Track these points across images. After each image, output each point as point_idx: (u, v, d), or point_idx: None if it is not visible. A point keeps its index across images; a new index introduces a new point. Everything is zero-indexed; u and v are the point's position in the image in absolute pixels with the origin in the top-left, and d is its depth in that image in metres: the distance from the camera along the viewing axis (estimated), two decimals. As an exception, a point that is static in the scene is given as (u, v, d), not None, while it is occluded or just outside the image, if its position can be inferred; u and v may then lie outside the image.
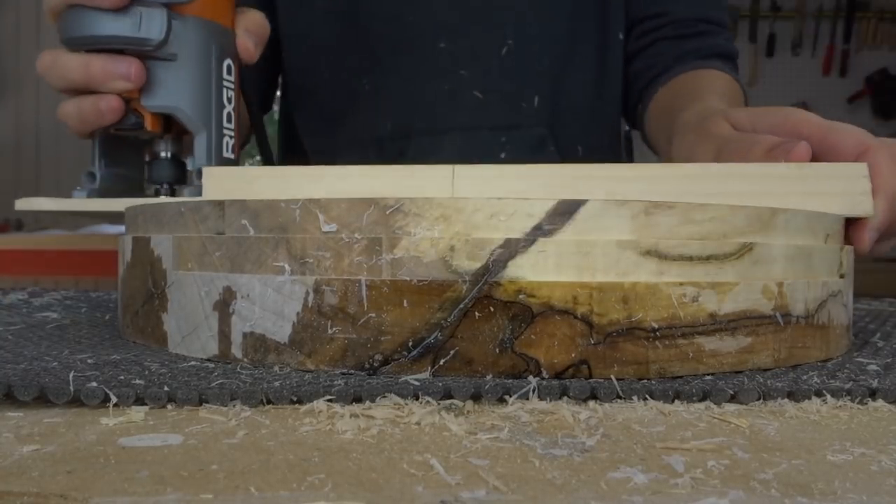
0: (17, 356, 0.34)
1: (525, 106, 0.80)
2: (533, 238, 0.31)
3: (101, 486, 0.20)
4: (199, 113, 0.51)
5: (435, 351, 0.31)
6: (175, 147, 0.53)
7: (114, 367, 0.32)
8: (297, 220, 0.33)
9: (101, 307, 0.58)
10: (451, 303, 0.31)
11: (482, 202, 0.31)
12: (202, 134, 0.51)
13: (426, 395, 0.29)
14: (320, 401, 0.28)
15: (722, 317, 0.33)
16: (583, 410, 0.28)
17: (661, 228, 0.32)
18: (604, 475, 0.22)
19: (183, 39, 0.49)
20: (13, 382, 0.28)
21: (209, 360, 0.35)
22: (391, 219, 0.32)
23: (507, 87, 0.79)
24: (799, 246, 0.36)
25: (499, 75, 0.79)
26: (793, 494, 0.20)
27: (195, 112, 0.51)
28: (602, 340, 0.31)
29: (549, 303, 0.31)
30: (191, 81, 0.50)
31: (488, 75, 0.79)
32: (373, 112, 0.81)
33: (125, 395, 0.28)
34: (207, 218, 0.36)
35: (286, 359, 0.33)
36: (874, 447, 0.25)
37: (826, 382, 0.32)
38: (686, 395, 0.30)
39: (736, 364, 0.33)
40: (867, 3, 3.14)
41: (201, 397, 0.28)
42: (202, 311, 0.35)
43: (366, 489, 0.20)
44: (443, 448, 0.24)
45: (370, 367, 0.32)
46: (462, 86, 0.79)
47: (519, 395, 0.29)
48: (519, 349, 0.31)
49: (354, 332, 0.32)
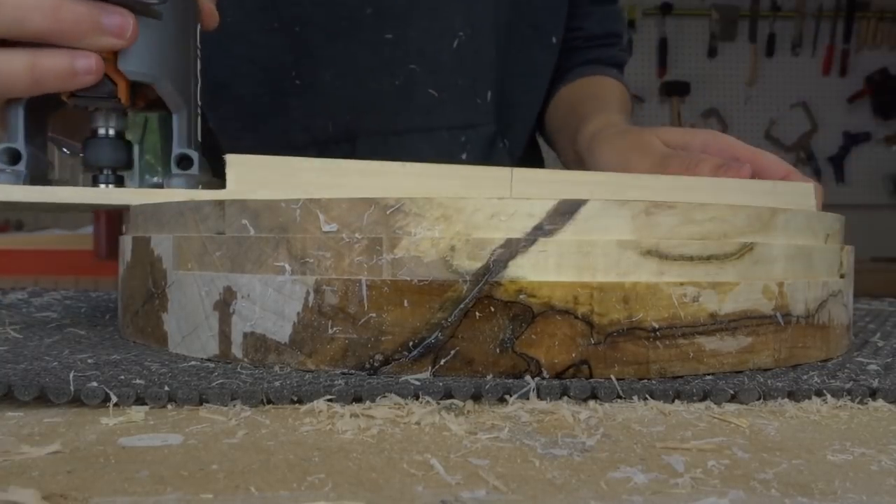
0: (18, 356, 0.34)
1: (479, 102, 0.76)
2: (534, 238, 0.31)
3: (101, 486, 0.20)
4: (181, 86, 0.43)
5: (435, 351, 0.31)
6: (118, 123, 0.44)
7: (114, 367, 0.32)
8: (297, 220, 0.33)
9: (101, 307, 0.58)
10: (452, 303, 0.31)
11: (483, 202, 0.31)
12: (182, 112, 0.43)
13: (426, 395, 0.29)
14: (320, 401, 0.28)
15: (722, 317, 0.33)
16: (583, 410, 0.28)
17: (662, 228, 0.32)
18: (604, 475, 0.22)
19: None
20: (13, 382, 0.28)
21: (209, 360, 0.35)
22: (392, 219, 0.32)
23: (462, 83, 0.74)
24: (799, 246, 0.36)
25: (452, 70, 0.73)
26: (793, 494, 0.20)
27: (177, 84, 0.42)
28: (603, 340, 0.31)
29: (549, 303, 0.31)
30: (175, 47, 0.42)
31: (441, 70, 0.73)
32: (305, 111, 0.72)
33: (125, 395, 0.28)
34: (208, 218, 0.36)
35: (286, 359, 0.33)
36: (874, 447, 0.25)
37: (826, 382, 0.32)
38: (686, 395, 0.30)
39: (736, 364, 0.33)
40: (867, 3, 3.14)
41: (201, 397, 0.28)
42: (202, 310, 0.35)
43: (366, 489, 0.20)
44: (443, 448, 0.24)
45: (371, 367, 0.32)
46: (414, 82, 0.72)
47: (519, 395, 0.29)
48: (519, 349, 0.31)
49: (355, 332, 0.32)
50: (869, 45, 3.16)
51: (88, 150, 0.44)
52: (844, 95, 3.12)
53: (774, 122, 3.11)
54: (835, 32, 3.14)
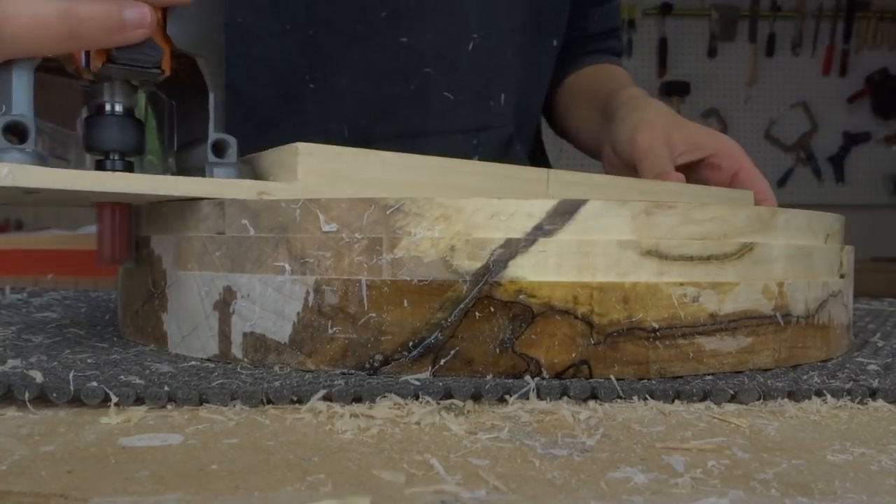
0: (18, 356, 0.34)
1: (493, 104, 0.75)
2: (533, 238, 0.31)
3: (101, 486, 0.20)
4: (219, 62, 0.38)
5: (435, 351, 0.31)
6: (127, 99, 0.37)
7: (114, 367, 0.32)
8: (297, 220, 0.33)
9: (101, 307, 0.58)
10: (452, 303, 0.31)
11: (482, 202, 0.31)
12: (219, 92, 0.38)
13: (427, 395, 0.29)
14: (321, 401, 0.28)
15: (722, 317, 0.33)
16: (583, 410, 0.28)
17: (662, 228, 0.32)
18: (604, 475, 0.22)
19: None
20: (13, 382, 0.28)
21: (209, 360, 0.35)
22: (391, 218, 0.32)
23: (476, 86, 0.73)
24: (799, 246, 0.36)
25: (467, 72, 0.72)
26: (793, 494, 0.20)
27: (217, 60, 0.38)
28: (602, 340, 0.31)
29: (549, 303, 0.31)
30: (217, 18, 0.38)
31: (455, 72, 0.72)
32: (320, 115, 0.71)
33: (125, 395, 0.28)
34: (207, 217, 0.36)
35: (286, 359, 0.33)
36: (874, 447, 0.25)
37: (826, 382, 0.32)
38: (686, 395, 0.30)
39: (736, 364, 0.33)
40: (867, 3, 3.14)
41: (201, 397, 0.28)
42: (202, 310, 0.35)
43: (366, 489, 0.20)
44: (443, 448, 0.24)
45: (370, 367, 0.32)
46: (429, 85, 0.71)
47: (519, 395, 0.29)
48: (519, 349, 0.31)
49: (355, 332, 0.32)
50: (869, 45, 3.15)
51: (93, 130, 0.36)
52: (844, 95, 3.12)
53: (774, 121, 3.10)
54: (835, 32, 3.14)
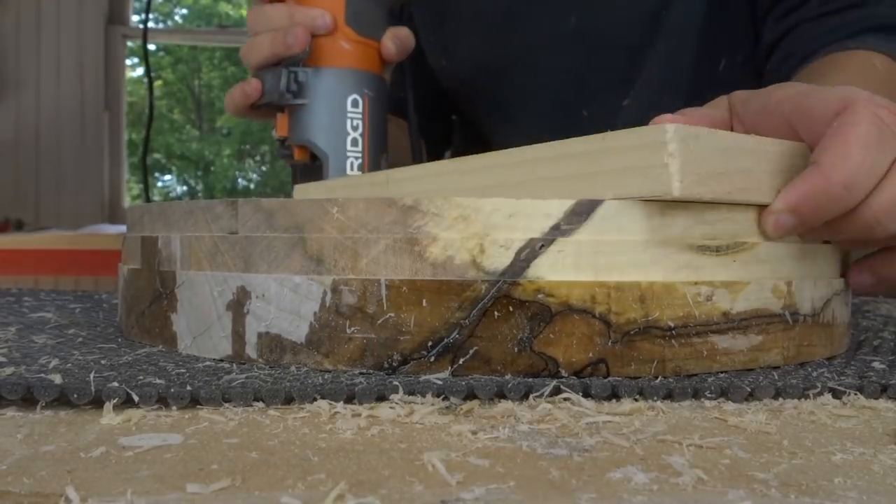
0: (25, 357, 0.34)
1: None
2: (551, 238, 0.31)
3: (101, 486, 0.20)
4: (327, 143, 0.60)
5: (454, 350, 0.31)
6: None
7: (129, 368, 0.32)
8: (313, 220, 0.33)
9: (100, 307, 0.57)
10: (471, 302, 0.31)
11: (501, 202, 0.32)
12: (328, 160, 0.60)
13: (450, 394, 0.29)
14: (321, 401, 0.28)
15: (734, 315, 0.33)
16: (583, 410, 0.28)
17: (676, 228, 0.33)
18: (604, 475, 0.22)
19: (312, 88, 0.60)
20: (32, 384, 0.28)
21: (223, 361, 0.35)
22: (409, 218, 0.32)
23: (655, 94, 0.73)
24: (805, 245, 0.36)
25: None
26: (793, 494, 0.20)
27: (324, 142, 0.60)
28: (619, 339, 0.31)
29: (567, 302, 0.31)
30: (321, 119, 0.60)
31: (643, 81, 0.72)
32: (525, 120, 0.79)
33: (147, 396, 0.28)
34: (220, 217, 0.35)
35: (303, 359, 0.33)
36: (874, 447, 0.25)
37: (837, 379, 0.32)
38: (703, 393, 0.30)
39: (747, 362, 0.34)
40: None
41: (224, 396, 0.28)
42: (215, 311, 0.35)
43: (366, 489, 0.20)
44: (443, 448, 0.24)
45: (389, 367, 0.32)
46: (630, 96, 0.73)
47: (540, 394, 0.29)
48: (538, 348, 0.31)
49: (373, 332, 0.32)
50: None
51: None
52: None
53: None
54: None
